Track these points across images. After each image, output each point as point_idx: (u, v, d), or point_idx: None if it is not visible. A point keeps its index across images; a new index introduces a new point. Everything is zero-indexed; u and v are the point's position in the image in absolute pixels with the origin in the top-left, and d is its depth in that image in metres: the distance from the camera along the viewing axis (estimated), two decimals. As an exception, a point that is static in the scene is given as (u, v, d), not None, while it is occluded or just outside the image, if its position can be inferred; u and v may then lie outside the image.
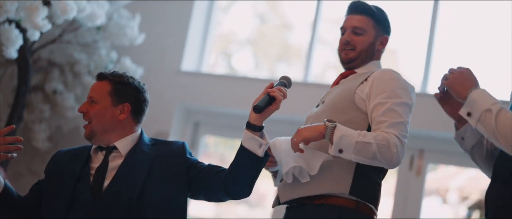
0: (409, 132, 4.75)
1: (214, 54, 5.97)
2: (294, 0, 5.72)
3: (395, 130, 2.67)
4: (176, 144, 2.87)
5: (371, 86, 2.79)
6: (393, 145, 2.62)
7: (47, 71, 5.12)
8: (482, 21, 5.04)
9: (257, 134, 2.60)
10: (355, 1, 3.03)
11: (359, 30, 2.94)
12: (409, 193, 4.80)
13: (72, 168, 2.76)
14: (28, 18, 4.04)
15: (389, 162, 2.64)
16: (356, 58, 2.94)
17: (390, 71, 2.85)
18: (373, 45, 2.96)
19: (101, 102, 2.78)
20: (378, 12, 3.00)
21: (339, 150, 2.61)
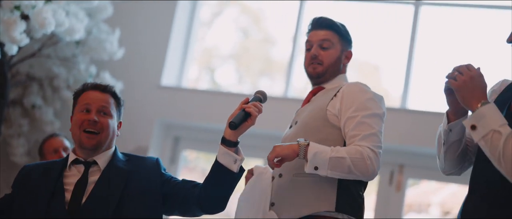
0: (388, 146, 4.78)
1: (197, 69, 5.96)
2: (275, 15, 5.73)
3: (367, 142, 2.67)
4: (150, 160, 2.85)
5: (341, 101, 2.80)
6: (367, 157, 2.62)
7: (26, 86, 5.08)
8: (461, 38, 5.07)
9: (232, 149, 2.60)
10: (319, 16, 3.03)
11: (326, 43, 2.95)
12: (389, 208, 4.79)
13: (44, 183, 2.71)
14: (5, 32, 4.01)
15: (365, 174, 2.63)
16: (324, 73, 2.94)
17: (357, 84, 2.86)
18: (339, 59, 2.96)
19: (113, 116, 2.77)
20: (342, 27, 3.03)
21: (314, 167, 2.62)
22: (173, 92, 5.31)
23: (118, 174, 2.73)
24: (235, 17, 6.12)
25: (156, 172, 2.78)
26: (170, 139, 5.38)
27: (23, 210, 2.68)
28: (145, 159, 2.87)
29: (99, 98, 2.76)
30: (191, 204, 2.68)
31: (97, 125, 2.71)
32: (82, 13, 4.58)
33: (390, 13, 5.32)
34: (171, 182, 2.76)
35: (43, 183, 2.71)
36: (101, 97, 2.77)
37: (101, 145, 2.74)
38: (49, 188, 2.68)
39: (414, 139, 4.68)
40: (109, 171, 2.74)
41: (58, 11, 4.21)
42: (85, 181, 2.70)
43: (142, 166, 2.80)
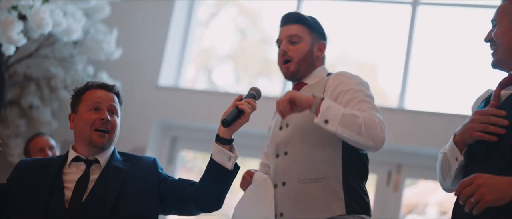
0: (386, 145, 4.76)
1: (195, 69, 5.96)
2: (273, 15, 5.73)
3: (377, 114, 2.68)
4: (147, 160, 2.86)
5: (333, 92, 2.79)
6: (379, 124, 2.62)
7: (23, 86, 5.08)
8: (459, 37, 5.08)
9: (226, 147, 2.60)
10: (287, 12, 3.03)
11: (294, 38, 2.94)
12: (387, 209, 4.80)
13: (43, 180, 2.70)
14: (3, 33, 4.02)
15: (374, 138, 2.62)
16: (297, 70, 2.93)
17: (345, 72, 2.87)
18: (311, 52, 2.95)
19: (118, 117, 2.80)
20: (311, 20, 3.02)
21: (325, 120, 2.60)
22: (171, 93, 5.31)
23: (116, 173, 2.73)
24: (232, 17, 6.12)
25: (153, 172, 2.79)
26: (168, 139, 5.38)
27: (22, 207, 2.66)
28: (142, 158, 2.88)
29: (108, 98, 2.78)
30: (188, 202, 2.69)
31: (108, 124, 2.74)
32: (79, 13, 4.58)
33: (387, 12, 5.32)
34: (168, 181, 2.76)
35: (42, 180, 2.70)
36: (109, 96, 2.79)
37: (110, 144, 2.77)
38: (48, 185, 2.68)
39: (412, 139, 4.68)
40: (108, 170, 2.74)
41: (55, 11, 4.22)
42: (86, 179, 2.71)
43: (139, 166, 2.80)
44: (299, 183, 2.77)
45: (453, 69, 5.05)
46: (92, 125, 2.72)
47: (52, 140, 4.32)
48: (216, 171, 2.61)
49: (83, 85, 2.85)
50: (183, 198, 2.69)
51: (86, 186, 2.68)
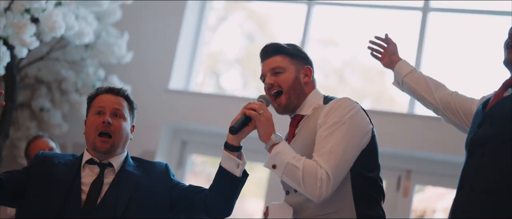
0: (395, 151, 4.78)
1: (203, 74, 5.97)
2: (281, 20, 5.74)
3: (326, 161, 2.56)
4: (159, 165, 2.87)
5: (320, 123, 2.69)
6: (319, 179, 2.52)
7: (34, 89, 5.10)
8: (469, 44, 5.08)
9: (234, 154, 2.61)
10: (264, 46, 2.91)
11: (277, 69, 2.83)
12: (396, 214, 4.79)
13: (62, 178, 2.72)
14: (15, 35, 4.04)
15: (312, 194, 2.54)
16: (289, 101, 2.82)
17: (338, 100, 2.74)
18: (297, 80, 2.83)
19: (125, 120, 2.80)
20: (290, 47, 2.90)
21: (272, 166, 2.58)
22: (181, 96, 5.33)
23: (128, 178, 2.75)
24: (240, 22, 6.13)
25: (165, 178, 2.81)
26: (177, 143, 5.39)
27: (37, 202, 2.67)
28: (155, 164, 2.89)
29: (112, 101, 2.79)
30: (198, 209, 2.70)
31: (111, 127, 2.73)
32: (91, 16, 4.60)
33: (397, 18, 5.33)
34: (179, 188, 2.78)
35: (61, 177, 2.72)
36: (114, 100, 2.80)
37: (115, 148, 2.76)
38: (66, 185, 2.69)
39: (421, 145, 4.68)
40: (121, 175, 2.76)
41: (68, 14, 4.24)
42: (101, 182, 2.72)
43: (151, 172, 2.82)
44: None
45: (463, 75, 5.05)
46: (96, 129, 2.74)
47: (52, 142, 4.32)
48: (225, 178, 2.62)
49: (94, 91, 2.88)
50: (193, 205, 2.71)
51: (100, 189, 2.70)
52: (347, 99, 2.73)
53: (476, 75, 5.00)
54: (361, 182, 2.67)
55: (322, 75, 5.65)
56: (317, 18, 5.46)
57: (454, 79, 5.10)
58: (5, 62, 4.14)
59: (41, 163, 2.78)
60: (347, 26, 5.51)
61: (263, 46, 2.91)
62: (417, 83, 3.25)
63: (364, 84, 5.59)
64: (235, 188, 2.65)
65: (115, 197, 2.68)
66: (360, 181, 2.67)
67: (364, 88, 5.57)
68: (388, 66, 3.33)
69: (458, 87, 5.03)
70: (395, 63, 3.35)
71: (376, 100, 5.54)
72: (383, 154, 4.81)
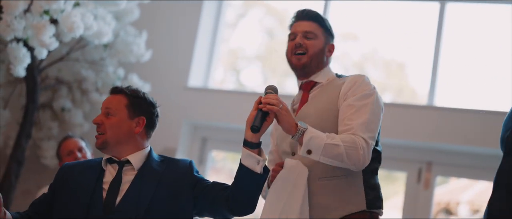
0: (415, 143, 4.77)
1: (223, 70, 5.99)
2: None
3: (362, 131, 2.70)
4: (183, 162, 2.88)
5: (347, 91, 2.82)
6: (360, 147, 2.65)
7: (55, 89, 5.15)
8: (488, 32, 5.04)
9: (255, 151, 2.62)
10: (303, 8, 3.06)
11: (310, 34, 2.97)
12: (417, 207, 4.77)
13: (85, 182, 2.76)
14: (35, 37, 4.07)
15: (356, 163, 2.67)
16: (309, 63, 2.96)
17: (360, 76, 2.88)
18: (323, 51, 2.99)
19: (118, 115, 2.80)
20: (326, 20, 3.05)
21: (308, 151, 2.64)
22: (200, 93, 5.34)
23: (151, 175, 2.76)
24: (260, 18, 6.13)
25: (188, 175, 2.81)
26: (198, 139, 5.41)
27: (65, 209, 2.71)
28: (179, 161, 2.89)
29: (107, 101, 2.85)
30: (221, 206, 2.71)
31: (101, 127, 2.78)
32: (109, 16, 4.62)
33: (415, 10, 5.30)
34: (202, 184, 2.78)
35: (84, 181, 2.76)
36: (109, 99, 2.85)
37: (108, 144, 2.77)
38: (89, 188, 2.73)
39: (442, 136, 4.66)
40: (143, 172, 2.78)
41: (86, 15, 4.26)
42: (119, 181, 2.74)
43: (175, 168, 2.83)
44: (320, 180, 2.80)
45: (483, 66, 5.01)
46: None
47: (82, 141, 4.36)
48: (246, 175, 2.63)
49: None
50: (216, 202, 2.71)
51: (118, 188, 2.72)
52: (365, 77, 2.88)
53: (495, 64, 4.96)
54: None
55: (342, 69, 5.63)
56: (336, 12, 5.44)
57: (473, 69, 5.07)
58: (26, 64, 4.17)
59: (64, 175, 2.84)
60: (366, 19, 5.49)
61: (303, 8, 3.05)
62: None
63: (384, 77, 5.57)
64: (256, 184, 2.66)
65: (136, 195, 2.70)
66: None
67: (385, 82, 5.55)
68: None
69: (477, 77, 5.02)
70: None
71: (397, 93, 5.52)
72: (403, 146, 4.83)
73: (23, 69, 4.18)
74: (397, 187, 5.18)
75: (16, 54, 4.11)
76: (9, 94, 5.01)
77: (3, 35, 4.03)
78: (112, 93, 2.88)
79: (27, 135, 4.61)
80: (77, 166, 2.87)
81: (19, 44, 4.13)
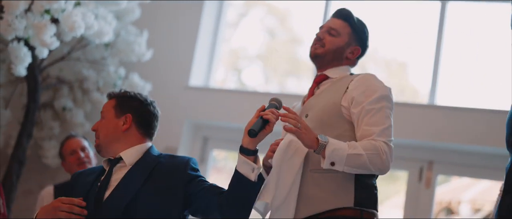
0: (417, 142, 4.77)
1: (224, 70, 5.98)
2: (302, 15, 5.73)
3: (382, 136, 2.73)
4: (181, 159, 2.87)
5: (353, 94, 2.82)
6: (382, 152, 2.68)
7: (56, 89, 5.15)
8: (489, 31, 5.04)
9: (250, 158, 2.60)
10: (342, 8, 3.13)
11: (333, 31, 3.02)
12: (419, 206, 4.77)
13: (85, 184, 2.82)
14: (36, 36, 4.07)
15: (381, 168, 2.70)
16: (322, 56, 2.99)
17: (369, 77, 2.90)
18: (342, 49, 3.01)
19: (107, 117, 2.88)
20: (358, 23, 3.09)
21: (331, 163, 2.65)
22: (201, 93, 5.34)
23: (141, 170, 2.78)
24: (261, 17, 6.13)
25: (182, 171, 2.79)
26: (199, 139, 5.41)
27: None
28: (177, 157, 2.89)
29: (103, 106, 2.96)
30: (214, 210, 2.70)
31: (96, 133, 2.88)
32: (110, 15, 4.63)
33: (416, 9, 5.30)
34: (198, 184, 2.76)
35: (85, 184, 2.83)
36: (104, 105, 2.95)
37: (101, 147, 2.86)
38: (88, 187, 2.79)
39: (443, 135, 4.66)
40: (135, 167, 2.79)
41: (87, 14, 4.27)
42: (108, 177, 2.78)
43: (169, 164, 2.82)
44: (311, 172, 2.80)
45: (484, 64, 5.01)
46: None
47: (85, 141, 4.36)
48: (240, 182, 2.61)
49: None
50: (209, 205, 2.70)
51: (106, 184, 2.76)
52: (375, 77, 2.91)
53: (496, 63, 4.96)
54: None
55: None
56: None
57: (474, 68, 5.07)
58: (27, 63, 4.18)
59: (72, 183, 2.92)
60: (367, 19, 5.47)
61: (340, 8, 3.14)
62: None
63: (386, 76, 5.57)
64: (250, 192, 2.65)
65: (121, 191, 2.72)
66: None
67: (386, 81, 5.52)
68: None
69: (478, 76, 5.02)
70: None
71: (398, 93, 5.52)
72: (405, 145, 4.83)
73: (24, 69, 4.18)
74: (398, 186, 5.18)
75: (17, 54, 4.11)
76: (10, 94, 5.01)
77: (4, 34, 4.03)
78: (107, 98, 2.97)
79: (28, 134, 4.62)
80: (84, 172, 2.96)
81: (20, 44, 4.13)
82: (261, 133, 2.58)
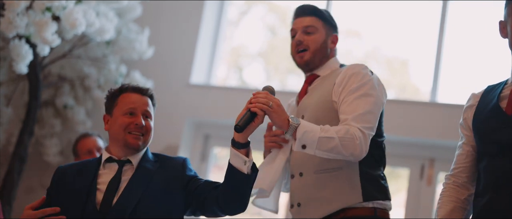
0: (418, 139, 4.76)
1: (226, 68, 5.98)
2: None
3: (358, 122, 2.68)
4: (176, 160, 2.88)
5: (340, 85, 2.82)
6: (355, 137, 2.64)
7: (58, 86, 5.15)
8: (490, 29, 5.02)
9: (242, 151, 2.59)
10: (302, 4, 3.05)
11: (310, 29, 2.97)
12: (420, 203, 4.77)
13: (80, 183, 2.76)
14: (37, 34, 4.07)
15: (353, 153, 2.65)
16: (312, 59, 2.96)
17: (355, 66, 2.87)
18: (325, 44, 2.98)
19: (152, 120, 2.85)
20: (325, 13, 3.04)
21: (302, 146, 2.63)
22: (203, 90, 5.34)
23: (143, 174, 2.77)
24: (262, 15, 6.13)
25: (180, 174, 2.81)
26: (200, 136, 5.41)
27: (62, 211, 2.70)
28: (173, 159, 2.90)
29: (142, 102, 2.83)
30: (211, 205, 2.71)
31: (143, 129, 2.78)
32: (111, 13, 4.62)
33: (418, 7, 5.30)
34: (195, 183, 2.78)
35: (78, 183, 2.76)
36: (144, 101, 2.84)
37: (144, 146, 2.82)
38: (85, 188, 2.73)
39: (445, 133, 4.65)
40: (137, 172, 2.78)
41: (88, 11, 4.27)
42: (118, 180, 2.75)
43: (168, 166, 2.83)
44: (315, 173, 2.80)
45: (485, 62, 5.01)
46: (126, 128, 2.77)
47: (100, 140, 4.37)
48: (234, 175, 2.61)
49: (117, 88, 2.89)
50: (207, 201, 2.71)
51: (117, 187, 2.73)
52: (363, 65, 2.87)
53: (497, 60, 4.95)
54: (370, 146, 2.75)
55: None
56: (338, 10, 5.44)
57: (476, 65, 5.06)
58: (28, 61, 4.17)
59: (58, 179, 2.85)
60: (368, 17, 5.48)
61: (299, 5, 3.04)
62: None
63: (387, 75, 5.57)
64: (244, 184, 2.64)
65: (128, 195, 2.70)
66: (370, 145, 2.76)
67: (388, 79, 5.55)
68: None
69: (479, 73, 5.01)
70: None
71: (399, 90, 5.51)
72: (406, 142, 4.82)
73: (25, 66, 4.18)
74: (400, 183, 5.17)
75: (18, 51, 4.11)
76: (12, 91, 5.01)
77: (5, 32, 4.03)
78: (141, 94, 2.87)
79: (30, 132, 4.61)
80: (72, 168, 2.87)
81: (21, 41, 4.13)
82: (250, 126, 2.58)
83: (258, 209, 3.04)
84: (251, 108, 2.58)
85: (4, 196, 4.44)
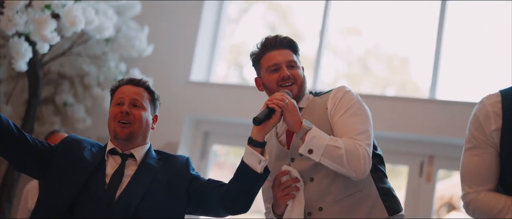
0: (417, 137, 4.77)
1: (226, 65, 5.98)
2: (303, 10, 5.73)
3: (363, 139, 2.66)
4: (180, 159, 2.88)
5: (332, 107, 2.77)
6: (362, 156, 2.61)
7: (57, 84, 5.15)
8: (489, 26, 5.04)
9: (258, 150, 2.60)
10: (276, 35, 2.90)
11: (293, 63, 2.83)
12: (419, 200, 4.77)
13: (88, 159, 2.75)
14: (37, 31, 4.07)
15: (356, 171, 2.61)
16: (298, 94, 2.84)
17: (339, 90, 2.81)
18: (304, 76, 2.88)
19: (146, 109, 2.83)
20: (295, 43, 2.92)
21: (309, 150, 2.61)
22: (202, 88, 5.34)
23: (147, 172, 2.77)
24: (262, 13, 6.13)
25: (184, 172, 2.82)
26: (200, 134, 5.41)
27: (61, 177, 2.70)
28: (176, 157, 2.90)
29: (131, 92, 2.82)
30: (214, 203, 2.71)
31: (130, 117, 2.77)
32: (111, 11, 4.63)
33: (417, 5, 5.30)
34: (198, 182, 2.78)
35: (86, 158, 2.75)
36: (133, 90, 2.83)
37: (135, 135, 2.78)
38: (92, 165, 2.72)
39: (444, 130, 4.65)
40: (141, 167, 2.78)
41: (87, 9, 4.27)
42: (121, 174, 2.75)
43: (171, 165, 2.84)
44: (338, 202, 2.75)
45: (484, 59, 5.01)
46: (114, 118, 2.78)
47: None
48: (245, 173, 2.62)
49: (116, 83, 2.92)
50: (210, 199, 2.71)
51: (120, 181, 2.72)
52: (346, 88, 2.83)
53: (496, 58, 4.96)
54: (374, 160, 2.75)
55: (345, 64, 5.64)
56: (338, 7, 5.44)
57: (475, 62, 5.07)
58: (28, 59, 4.17)
59: (69, 144, 2.82)
60: (368, 14, 5.49)
61: (273, 36, 2.88)
62: None
63: (387, 72, 5.57)
64: (255, 184, 2.65)
65: (132, 191, 2.69)
66: (373, 159, 2.75)
67: (388, 76, 5.55)
68: None
69: (478, 70, 5.01)
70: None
71: (399, 87, 5.52)
72: (406, 139, 4.82)
73: (25, 64, 4.18)
74: (399, 181, 5.17)
75: (18, 49, 4.11)
76: (11, 89, 5.02)
77: (5, 30, 4.03)
78: (132, 84, 2.86)
79: (30, 129, 4.62)
80: (83, 142, 2.85)
81: (20, 39, 4.13)
82: (268, 123, 2.59)
83: (258, 209, 3.02)
84: (269, 104, 2.59)
85: (4, 193, 4.44)
